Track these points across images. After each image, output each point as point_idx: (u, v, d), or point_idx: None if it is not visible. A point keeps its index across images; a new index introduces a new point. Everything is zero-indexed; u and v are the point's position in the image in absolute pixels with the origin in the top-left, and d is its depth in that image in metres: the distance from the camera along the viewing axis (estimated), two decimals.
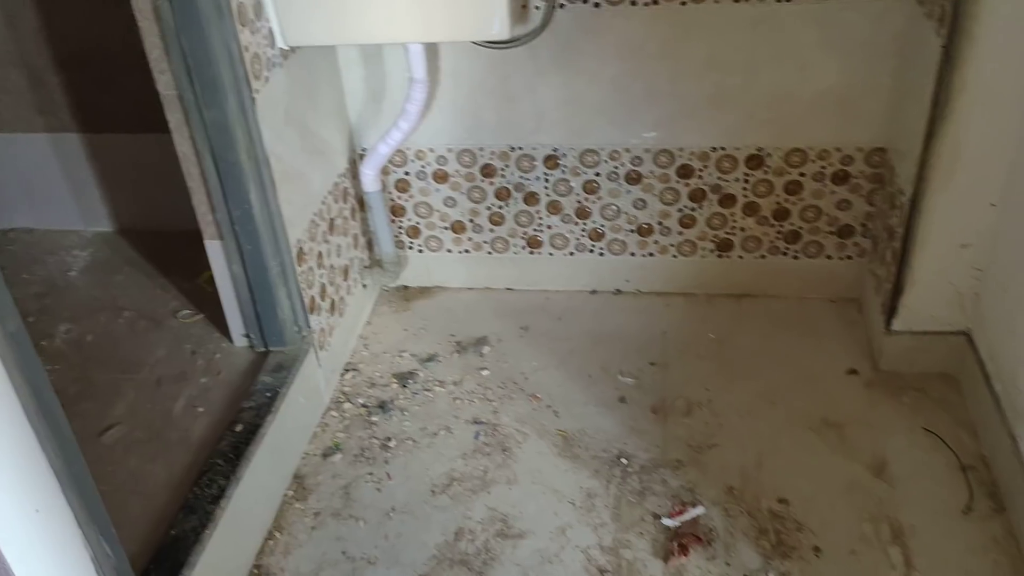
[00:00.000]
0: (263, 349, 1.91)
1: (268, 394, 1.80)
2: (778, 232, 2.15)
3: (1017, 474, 1.57)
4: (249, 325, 1.90)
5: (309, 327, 1.92)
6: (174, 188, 2.13)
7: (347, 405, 2.02)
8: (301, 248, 1.87)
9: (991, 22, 1.51)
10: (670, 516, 1.69)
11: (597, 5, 1.91)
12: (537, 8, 1.92)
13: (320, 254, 1.98)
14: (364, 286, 2.28)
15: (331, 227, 2.04)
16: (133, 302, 2.17)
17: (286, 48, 1.77)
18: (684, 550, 1.61)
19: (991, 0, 1.49)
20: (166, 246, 2.38)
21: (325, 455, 1.90)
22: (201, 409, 1.80)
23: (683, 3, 1.88)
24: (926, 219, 1.74)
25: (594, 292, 2.33)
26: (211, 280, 1.90)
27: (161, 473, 1.66)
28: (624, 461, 1.82)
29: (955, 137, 1.64)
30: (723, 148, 2.06)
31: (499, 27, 1.67)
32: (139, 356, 1.97)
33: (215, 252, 1.82)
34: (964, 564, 1.55)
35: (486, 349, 2.16)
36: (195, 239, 1.84)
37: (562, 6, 1.92)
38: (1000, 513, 1.63)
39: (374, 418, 1.98)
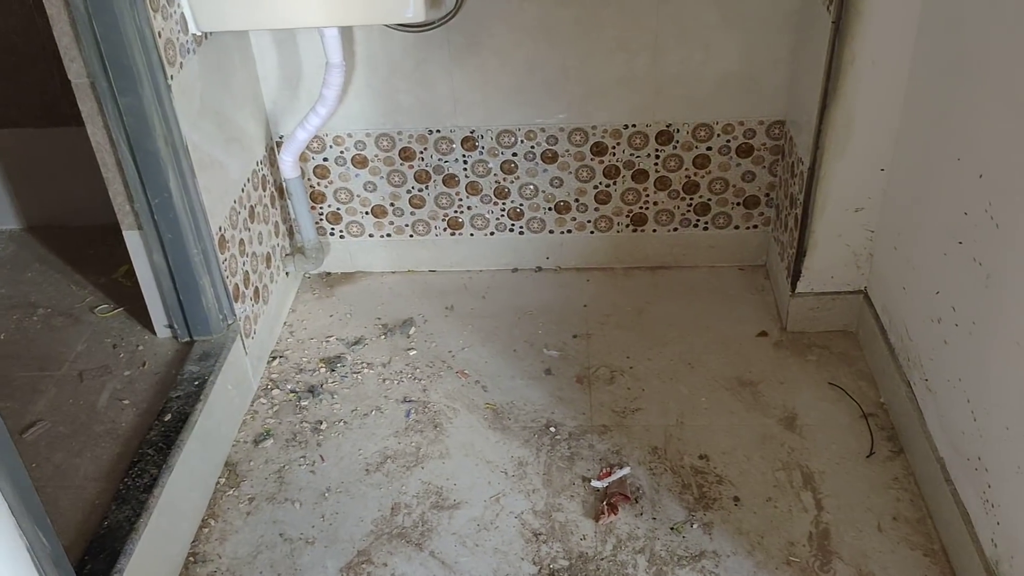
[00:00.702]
0: (188, 339, 1.90)
1: (196, 383, 1.79)
2: (689, 205, 2.25)
3: (912, 418, 1.70)
4: (172, 315, 1.88)
5: (234, 315, 1.92)
6: (84, 182, 2.10)
7: (276, 391, 2.03)
8: (223, 236, 1.87)
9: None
10: (598, 478, 1.76)
11: None
12: None
13: (242, 242, 1.98)
14: (287, 273, 2.28)
15: (251, 215, 2.04)
16: (47, 299, 2.12)
17: (199, 34, 1.76)
18: (613, 509, 1.68)
19: None
20: (78, 242, 2.33)
21: (256, 441, 1.90)
22: (127, 401, 1.78)
23: None
24: (823, 186, 1.86)
25: (516, 270, 2.38)
26: (129, 274, 1.88)
27: (89, 466, 1.64)
28: (552, 430, 1.88)
29: (847, 108, 1.75)
30: (634, 125, 2.14)
31: (413, 10, 1.70)
32: (58, 352, 1.93)
33: (134, 242, 1.79)
34: (869, 503, 1.67)
35: (412, 330, 2.19)
36: (108, 234, 1.82)
37: None
38: (899, 455, 1.76)
39: (304, 403, 1.99)
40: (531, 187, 2.25)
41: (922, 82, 1.65)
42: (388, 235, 2.35)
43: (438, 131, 2.17)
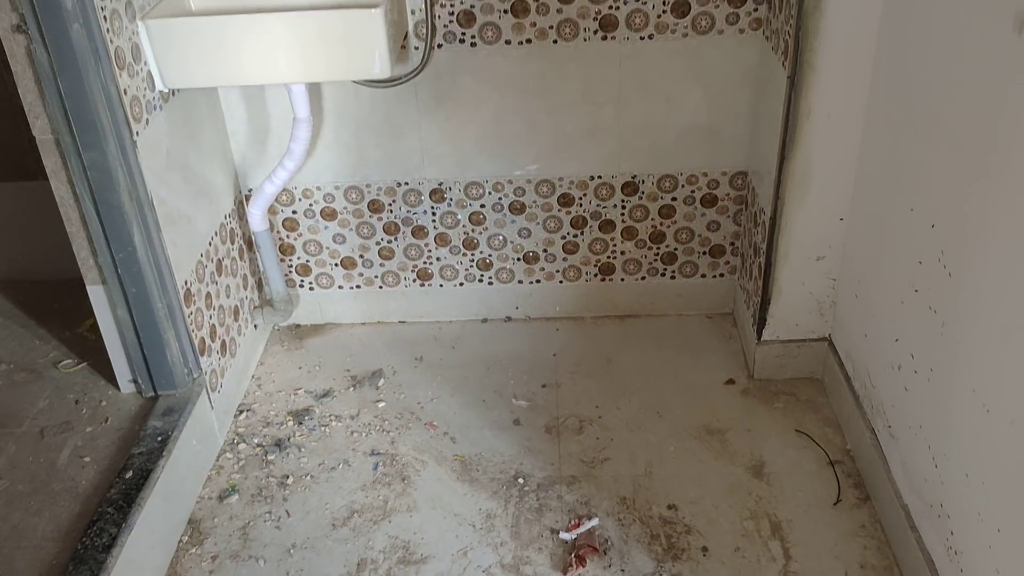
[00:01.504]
0: (152, 394, 1.88)
1: (159, 438, 1.77)
2: (656, 254, 2.28)
3: (877, 465, 1.71)
4: (136, 370, 1.87)
5: (200, 369, 1.90)
6: (51, 236, 2.09)
7: (242, 446, 2.01)
8: (188, 289, 1.86)
9: (828, 55, 1.67)
10: (567, 530, 1.75)
11: (474, 44, 1.99)
12: (416, 48, 2.00)
13: (208, 295, 1.97)
14: (255, 326, 2.27)
15: (219, 268, 2.03)
16: (9, 354, 2.09)
17: (166, 91, 1.77)
18: (582, 561, 1.67)
19: (827, 35, 1.65)
20: (43, 296, 2.31)
21: (221, 497, 1.88)
22: (88, 458, 1.76)
23: (555, 41, 1.99)
24: (785, 235, 1.89)
25: (485, 320, 2.39)
26: (93, 328, 1.87)
27: (47, 526, 1.61)
28: (521, 481, 1.87)
29: (805, 159, 1.79)
30: (600, 177, 2.17)
31: (380, 67, 1.73)
32: (19, 409, 1.91)
33: (98, 297, 1.79)
34: (836, 551, 1.67)
35: (381, 382, 2.18)
36: (74, 287, 1.81)
37: (440, 46, 2.00)
38: (865, 502, 1.76)
39: (270, 457, 1.97)
40: (500, 238, 2.26)
41: (876, 135, 1.69)
42: (357, 286, 2.36)
43: (406, 183, 2.19)
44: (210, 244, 1.99)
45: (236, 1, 1.84)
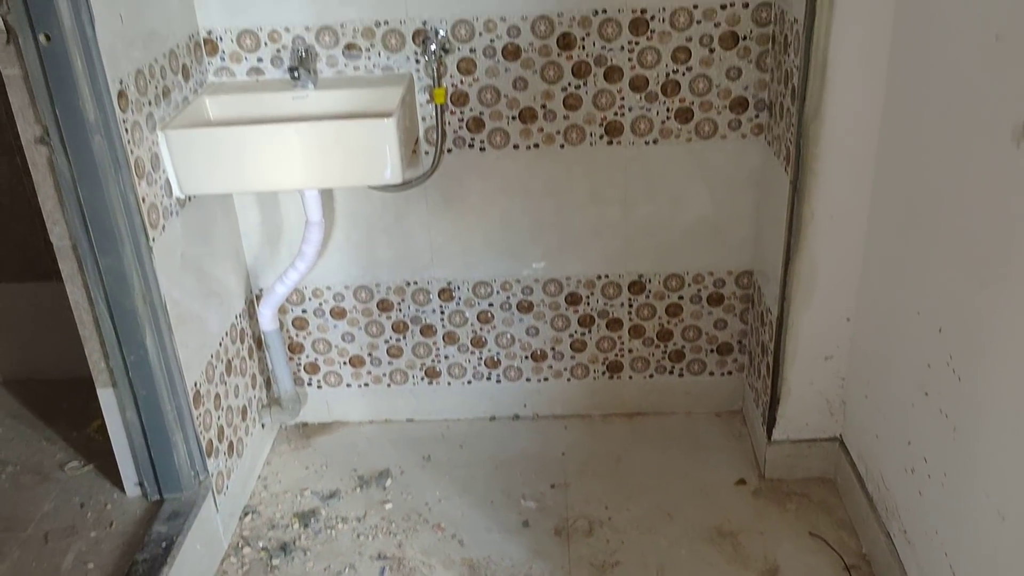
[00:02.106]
0: (158, 497, 1.87)
1: (163, 544, 1.74)
2: (663, 352, 2.28)
3: (895, 571, 1.67)
4: (143, 473, 1.85)
5: (207, 471, 1.89)
6: (61, 335, 2.11)
7: (247, 549, 1.97)
8: (198, 391, 1.87)
9: (829, 161, 1.71)
10: None
11: (483, 149, 2.05)
12: (427, 153, 2.05)
13: (217, 396, 1.97)
14: (263, 425, 2.27)
15: (228, 368, 2.04)
16: (17, 456, 2.08)
17: (183, 197, 1.82)
18: None
19: (828, 142, 1.70)
20: (52, 395, 2.32)
21: None
22: (91, 564, 1.73)
23: (562, 146, 2.04)
24: (792, 335, 1.90)
25: (493, 419, 2.38)
26: (101, 429, 1.87)
27: None
28: None
29: (810, 261, 1.81)
30: (607, 276, 2.19)
31: (391, 173, 1.77)
32: (24, 512, 1.89)
33: (108, 400, 1.79)
34: None
35: (388, 482, 2.16)
36: (83, 386, 1.82)
37: (449, 151, 2.05)
38: None
39: (275, 561, 1.94)
40: (508, 336, 2.28)
41: (879, 238, 1.72)
42: (366, 384, 2.36)
43: (415, 283, 2.22)
44: (220, 344, 2.00)
45: (254, 109, 1.90)
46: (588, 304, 2.23)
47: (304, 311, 2.26)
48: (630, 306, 2.23)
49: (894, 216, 1.63)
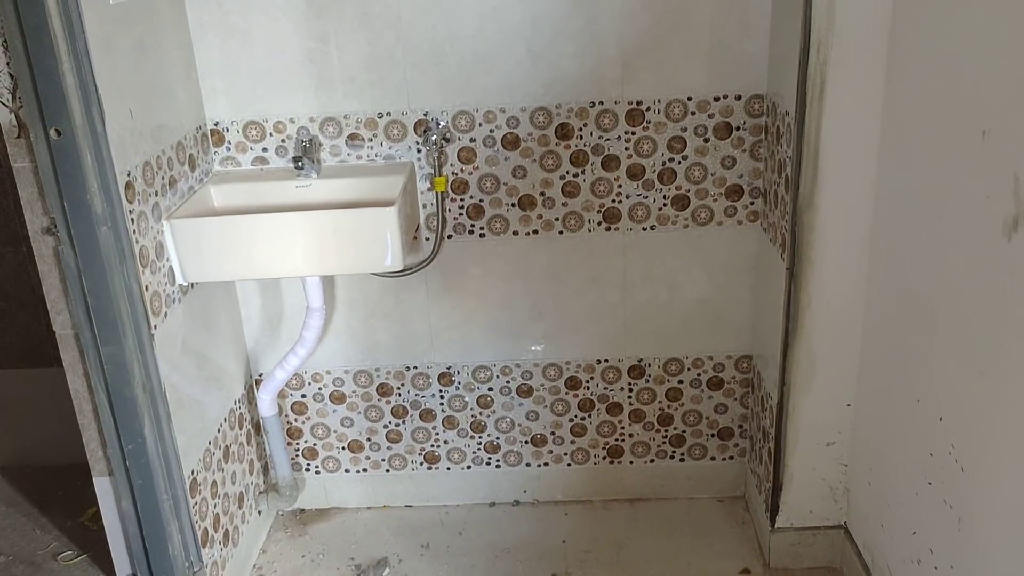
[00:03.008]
0: None
1: None
2: (664, 437, 2.27)
3: None
4: (136, 563, 1.82)
5: (201, 562, 1.86)
6: (57, 422, 2.11)
7: None
8: (195, 479, 1.85)
9: (824, 249, 1.74)
10: None
11: (483, 235, 2.08)
12: (428, 239, 2.08)
13: (214, 483, 1.95)
14: (259, 512, 2.23)
15: (226, 454, 2.03)
16: (10, 545, 2.05)
17: (186, 284, 1.83)
18: None
19: (822, 231, 1.72)
20: (48, 483, 2.30)
21: None
22: None
23: (560, 232, 2.07)
24: (793, 420, 1.89)
25: (493, 504, 2.35)
26: (95, 517, 1.85)
27: None
28: None
29: (808, 346, 1.82)
30: (607, 360, 2.19)
31: (392, 261, 1.79)
32: None
33: (104, 489, 1.77)
34: None
35: (387, 571, 2.12)
36: (79, 473, 1.80)
37: (450, 237, 2.08)
38: None
39: None
40: (507, 421, 2.27)
41: (877, 325, 1.73)
42: (364, 470, 2.34)
43: (415, 367, 2.22)
44: (219, 430, 1.99)
45: (258, 198, 1.94)
46: (588, 388, 2.22)
47: (303, 395, 2.25)
48: (630, 390, 2.22)
49: (890, 304, 1.65)
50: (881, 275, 1.69)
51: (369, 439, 2.30)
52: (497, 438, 2.29)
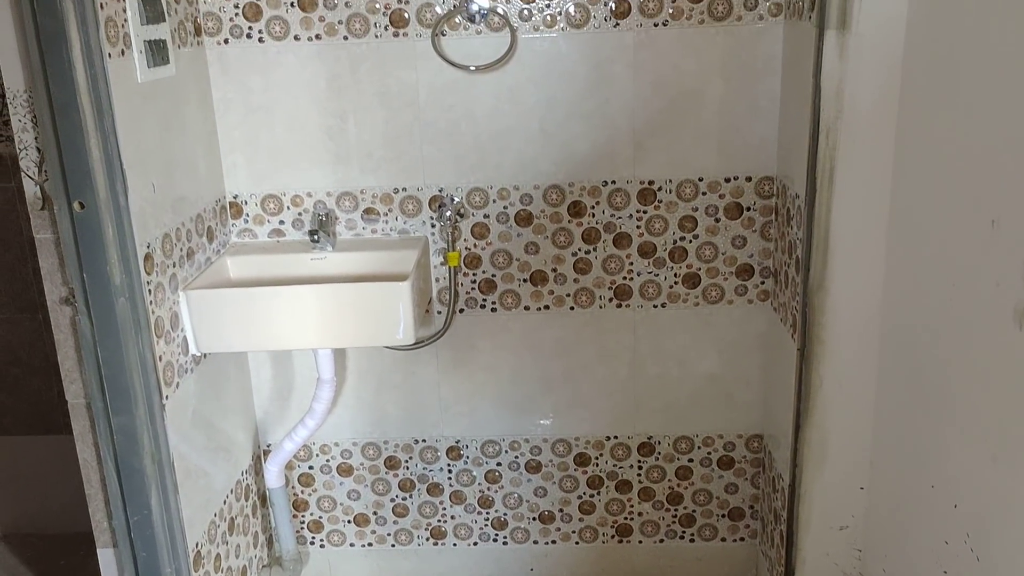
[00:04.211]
0: None
1: None
2: (673, 516, 2.24)
3: None
4: None
5: None
6: (62, 490, 2.10)
7: None
8: (199, 551, 1.83)
9: (835, 330, 1.74)
10: None
11: (494, 310, 2.09)
12: (439, 312, 2.09)
13: (218, 556, 1.93)
14: None
15: (231, 527, 2.01)
16: None
17: (199, 354, 1.85)
18: None
19: (833, 312, 1.73)
20: (52, 552, 2.27)
21: None
22: None
23: (571, 308, 2.08)
24: (805, 503, 1.86)
25: None
26: None
27: None
28: None
29: (820, 428, 1.81)
30: (616, 437, 2.18)
31: (404, 335, 1.81)
32: None
33: (107, 560, 1.75)
34: None
35: None
36: (83, 543, 1.79)
37: (461, 311, 2.09)
38: None
39: None
40: (515, 497, 2.24)
41: (889, 407, 1.72)
42: (369, 544, 2.31)
43: (424, 440, 2.21)
44: (225, 502, 1.98)
45: (273, 270, 1.96)
46: (597, 465, 2.21)
47: (311, 467, 2.24)
48: (639, 468, 2.20)
49: (902, 386, 1.64)
50: (892, 357, 1.68)
51: (375, 513, 2.27)
52: (505, 514, 2.26)
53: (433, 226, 2.04)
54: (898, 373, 1.66)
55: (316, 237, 1.96)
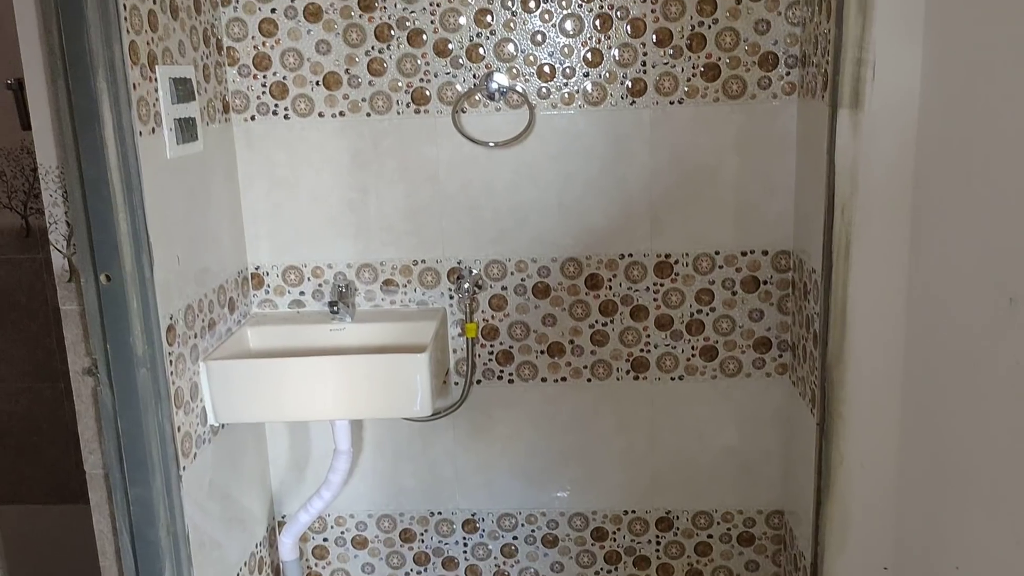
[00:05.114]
0: None
1: None
2: None
3: None
4: None
5: None
6: (77, 560, 2.08)
7: None
8: None
9: (855, 405, 1.72)
10: None
11: (511, 381, 2.09)
12: (456, 384, 2.09)
13: None
14: None
15: None
16: None
17: (217, 425, 1.85)
18: None
19: (853, 387, 1.72)
20: None
21: None
22: None
23: (588, 380, 2.08)
24: None
25: None
26: None
27: None
28: None
29: (842, 505, 1.78)
30: (634, 511, 2.15)
31: (421, 407, 1.81)
32: None
33: None
34: None
35: None
36: None
37: (479, 382, 2.10)
38: None
39: None
40: (531, 572, 2.21)
41: (911, 485, 1.69)
42: None
43: (439, 513, 2.19)
44: (238, 575, 1.96)
45: (292, 340, 1.98)
46: (615, 540, 2.17)
47: (325, 539, 2.22)
48: (658, 543, 2.17)
49: (924, 464, 1.62)
50: (914, 434, 1.66)
51: None
52: None
53: (451, 298, 2.06)
54: (920, 450, 1.64)
55: (335, 308, 1.98)
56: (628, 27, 1.90)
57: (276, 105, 1.97)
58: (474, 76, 1.94)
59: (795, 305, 1.97)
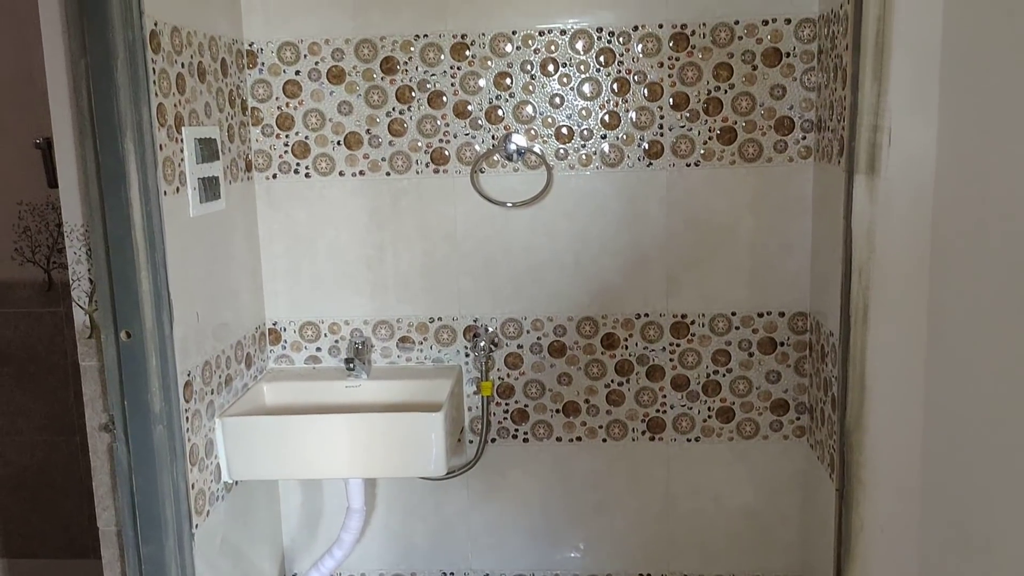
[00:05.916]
0: None
1: None
2: None
3: None
4: None
5: None
6: None
7: None
8: None
9: (876, 470, 1.70)
10: None
11: (526, 440, 2.08)
12: (471, 442, 2.08)
13: None
14: None
15: None
16: None
17: (231, 482, 1.85)
18: None
19: (873, 451, 1.70)
20: None
21: None
22: None
23: (604, 440, 2.07)
24: None
25: None
26: None
27: None
28: None
29: (863, 572, 1.74)
30: (650, 574, 2.12)
31: (436, 466, 1.80)
32: None
33: None
34: None
35: None
36: None
37: (493, 440, 2.09)
38: None
39: None
40: None
41: (934, 552, 1.66)
42: None
43: (452, 573, 2.16)
44: None
45: (308, 396, 1.98)
46: None
47: None
48: None
49: (946, 530, 1.59)
50: (936, 500, 1.64)
51: None
52: None
53: (467, 355, 2.06)
54: (942, 516, 1.61)
55: (352, 365, 1.98)
56: (645, 91, 1.93)
57: (298, 164, 2.01)
58: (493, 137, 1.97)
59: (812, 367, 1.96)
